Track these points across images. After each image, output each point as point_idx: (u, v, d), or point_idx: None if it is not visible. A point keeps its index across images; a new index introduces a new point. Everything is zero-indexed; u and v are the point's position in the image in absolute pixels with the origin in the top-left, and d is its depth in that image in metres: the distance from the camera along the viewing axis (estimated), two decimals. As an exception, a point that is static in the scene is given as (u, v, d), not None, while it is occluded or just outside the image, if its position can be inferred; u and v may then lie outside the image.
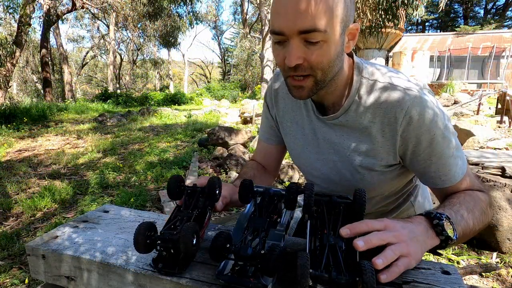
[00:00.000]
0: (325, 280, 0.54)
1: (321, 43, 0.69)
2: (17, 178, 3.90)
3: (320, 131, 0.90)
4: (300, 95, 0.77)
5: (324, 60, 0.71)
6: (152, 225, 0.62)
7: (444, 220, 0.66)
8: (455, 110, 8.29)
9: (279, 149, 1.10)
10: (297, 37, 0.68)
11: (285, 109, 0.99)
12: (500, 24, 26.02)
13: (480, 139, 4.90)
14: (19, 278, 2.00)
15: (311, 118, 0.92)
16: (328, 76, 0.75)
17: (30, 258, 0.78)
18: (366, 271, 0.51)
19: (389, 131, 0.80)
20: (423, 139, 0.77)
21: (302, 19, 0.66)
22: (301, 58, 0.70)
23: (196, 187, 0.74)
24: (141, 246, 0.60)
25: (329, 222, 0.64)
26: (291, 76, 0.75)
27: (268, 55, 11.69)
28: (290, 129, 0.99)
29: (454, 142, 0.79)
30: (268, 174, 1.12)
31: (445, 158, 0.78)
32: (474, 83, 15.76)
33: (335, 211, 0.67)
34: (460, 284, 0.60)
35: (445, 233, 0.65)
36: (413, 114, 0.76)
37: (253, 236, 0.64)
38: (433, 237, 0.66)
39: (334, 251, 0.58)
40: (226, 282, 0.59)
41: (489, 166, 2.55)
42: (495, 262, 2.08)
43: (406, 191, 1.02)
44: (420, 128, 0.76)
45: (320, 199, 0.68)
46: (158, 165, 4.32)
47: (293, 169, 3.85)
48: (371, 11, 8.43)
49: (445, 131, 0.77)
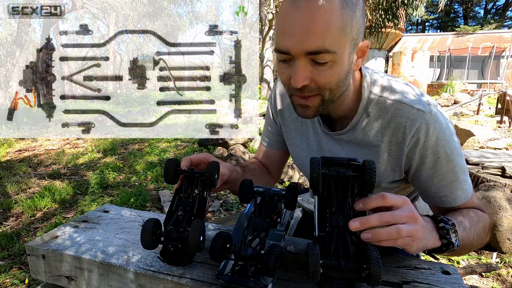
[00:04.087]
0: (334, 268, 0.54)
1: (329, 64, 0.65)
2: (17, 178, 3.90)
3: (326, 144, 0.88)
4: (306, 115, 0.74)
5: (333, 81, 0.68)
6: (157, 222, 0.63)
7: (450, 225, 0.65)
8: (455, 110, 8.28)
9: (282, 154, 1.08)
10: (304, 57, 0.64)
11: (290, 119, 0.96)
12: (500, 24, 26.00)
13: (480, 139, 4.89)
14: (19, 278, 2.00)
15: (316, 131, 0.89)
16: (336, 96, 0.72)
17: (30, 258, 0.78)
18: (373, 261, 0.50)
19: (396, 150, 0.78)
20: (427, 161, 0.75)
21: (309, 40, 0.62)
22: (308, 79, 0.66)
23: (193, 172, 0.73)
24: (149, 244, 0.62)
25: (337, 199, 0.60)
26: (296, 95, 0.72)
27: (268, 55, 11.69)
28: (295, 139, 0.96)
29: (460, 166, 0.76)
30: (270, 176, 1.10)
31: (447, 181, 0.76)
32: (474, 83, 15.76)
33: (343, 185, 0.62)
34: (460, 284, 0.61)
35: (448, 237, 0.64)
36: (420, 136, 0.73)
37: (253, 236, 0.64)
38: (436, 238, 0.65)
39: (342, 235, 0.57)
40: (226, 282, 0.59)
41: (489, 166, 2.55)
42: (495, 262, 2.08)
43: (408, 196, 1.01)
44: (426, 150, 0.74)
45: (327, 174, 0.62)
46: (158, 165, 4.32)
47: (293, 169, 3.84)
48: (371, 11, 8.42)
49: (451, 154, 0.74)
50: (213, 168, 0.72)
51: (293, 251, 0.73)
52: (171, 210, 0.68)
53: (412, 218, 0.58)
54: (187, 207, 0.68)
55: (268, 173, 1.09)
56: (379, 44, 16.12)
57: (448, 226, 0.65)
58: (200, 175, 0.72)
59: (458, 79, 14.69)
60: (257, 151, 1.14)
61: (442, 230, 0.65)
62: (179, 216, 0.67)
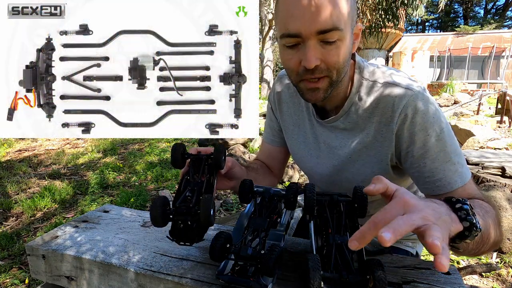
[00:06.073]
0: (336, 281, 0.53)
1: (337, 42, 0.68)
2: (17, 178, 3.90)
3: (321, 135, 0.89)
4: (316, 98, 0.75)
5: (340, 60, 0.70)
6: (166, 200, 0.62)
7: (468, 204, 0.54)
8: (455, 110, 8.29)
9: (284, 151, 1.08)
10: (314, 37, 0.67)
11: (288, 113, 0.98)
12: (500, 24, 26.02)
13: (480, 139, 4.90)
14: (19, 278, 2.00)
15: (312, 123, 0.91)
16: (341, 77, 0.74)
17: (30, 258, 0.78)
18: (377, 268, 0.50)
19: (386, 131, 0.78)
20: (417, 139, 0.74)
21: (321, 19, 0.64)
22: (319, 59, 0.68)
23: (201, 155, 0.72)
24: (158, 219, 0.59)
25: (332, 221, 0.63)
26: (305, 80, 0.73)
27: (268, 55, 11.67)
28: (293, 133, 0.98)
29: (452, 147, 0.75)
30: (273, 176, 1.10)
31: (440, 162, 0.74)
32: (474, 83, 15.75)
33: (337, 210, 0.66)
34: (460, 284, 0.61)
35: (470, 218, 0.52)
36: (408, 112, 0.74)
37: (253, 236, 0.64)
38: (456, 221, 0.52)
39: (341, 251, 0.58)
40: (226, 282, 0.59)
41: (489, 166, 2.55)
42: (495, 262, 2.08)
43: None
44: (414, 126, 0.74)
45: (321, 199, 0.68)
46: (158, 165, 4.32)
47: (293, 169, 3.84)
48: (371, 11, 8.43)
49: (441, 133, 0.74)
50: (220, 150, 0.70)
51: (293, 251, 0.73)
52: (179, 190, 0.67)
53: (425, 219, 0.46)
54: (195, 187, 0.67)
55: (271, 172, 1.09)
56: (379, 44, 16.11)
57: (467, 206, 0.53)
58: (207, 158, 0.71)
59: (458, 79, 14.69)
60: (258, 152, 1.15)
61: (461, 210, 0.53)
62: (187, 196, 0.66)
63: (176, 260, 0.69)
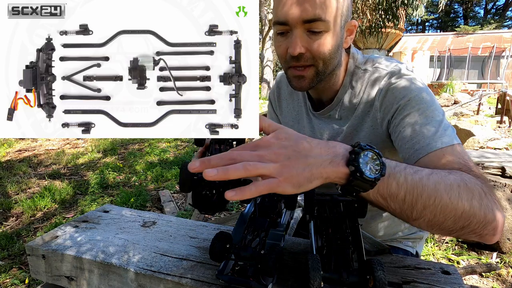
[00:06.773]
0: (336, 281, 0.53)
1: (323, 33, 0.71)
2: (17, 178, 3.90)
3: (318, 127, 0.92)
4: (301, 86, 0.78)
5: (326, 50, 0.73)
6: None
7: (368, 150, 0.48)
8: (455, 110, 8.28)
9: None
10: (300, 26, 0.71)
11: (288, 109, 1.00)
12: (500, 24, 26.03)
13: (480, 139, 4.90)
14: (19, 278, 2.00)
15: (309, 117, 0.94)
16: (329, 68, 0.77)
17: (30, 258, 0.78)
18: (377, 268, 0.50)
19: (373, 112, 0.81)
20: (398, 107, 0.74)
21: (306, 9, 0.69)
22: (304, 48, 0.72)
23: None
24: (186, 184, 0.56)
25: (332, 221, 0.64)
26: (292, 67, 0.76)
27: (268, 55, 11.67)
28: (293, 128, 0.98)
29: (434, 113, 0.71)
30: None
31: (420, 124, 0.70)
32: (474, 83, 15.75)
33: (337, 210, 0.66)
34: (460, 284, 0.61)
35: (356, 163, 0.46)
36: (387, 85, 0.77)
37: (253, 236, 0.64)
38: (339, 165, 0.47)
39: (341, 251, 0.58)
40: (226, 282, 0.59)
41: (489, 166, 2.55)
42: (495, 262, 2.08)
43: None
44: (393, 96, 0.76)
45: (321, 199, 0.68)
46: (158, 165, 4.32)
47: (293, 169, 3.84)
48: (371, 11, 8.43)
49: (421, 100, 0.72)
50: None
51: (293, 251, 0.73)
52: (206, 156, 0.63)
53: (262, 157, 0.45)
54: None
55: None
56: (379, 44, 16.12)
57: (359, 150, 0.48)
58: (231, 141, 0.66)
59: (458, 79, 14.68)
60: None
61: (352, 154, 0.48)
62: None
63: (176, 260, 0.69)
